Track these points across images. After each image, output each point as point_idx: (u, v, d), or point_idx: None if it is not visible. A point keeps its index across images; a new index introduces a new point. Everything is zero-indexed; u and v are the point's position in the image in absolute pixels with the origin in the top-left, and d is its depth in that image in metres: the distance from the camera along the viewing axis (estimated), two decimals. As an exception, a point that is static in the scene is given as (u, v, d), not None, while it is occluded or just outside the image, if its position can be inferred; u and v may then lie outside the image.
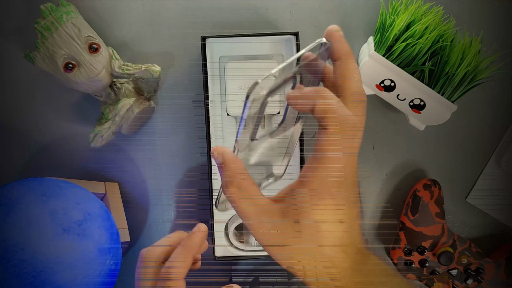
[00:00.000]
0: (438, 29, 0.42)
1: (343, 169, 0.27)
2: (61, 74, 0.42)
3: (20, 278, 0.32)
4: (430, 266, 0.48)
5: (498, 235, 0.52)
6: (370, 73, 0.44)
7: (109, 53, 0.44)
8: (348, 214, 0.28)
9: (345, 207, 0.28)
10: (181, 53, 0.50)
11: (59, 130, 0.50)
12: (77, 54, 0.41)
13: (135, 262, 0.35)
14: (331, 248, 0.28)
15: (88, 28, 0.43)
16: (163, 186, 0.50)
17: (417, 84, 0.43)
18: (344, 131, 0.27)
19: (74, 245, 0.34)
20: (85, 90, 0.44)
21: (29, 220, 0.34)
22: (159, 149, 0.50)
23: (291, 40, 0.46)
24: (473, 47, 0.42)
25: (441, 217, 0.48)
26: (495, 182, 0.51)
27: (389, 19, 0.43)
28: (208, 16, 0.49)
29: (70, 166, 0.50)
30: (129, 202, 0.50)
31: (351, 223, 0.29)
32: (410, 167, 0.51)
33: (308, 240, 0.28)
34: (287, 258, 0.28)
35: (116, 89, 0.45)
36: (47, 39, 0.41)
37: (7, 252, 0.32)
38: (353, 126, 0.27)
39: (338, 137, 0.27)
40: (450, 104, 0.44)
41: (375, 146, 0.51)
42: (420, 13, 0.43)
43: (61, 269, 0.33)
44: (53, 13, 0.41)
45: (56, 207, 0.35)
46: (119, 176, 0.50)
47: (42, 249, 0.33)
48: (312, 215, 0.27)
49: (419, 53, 0.43)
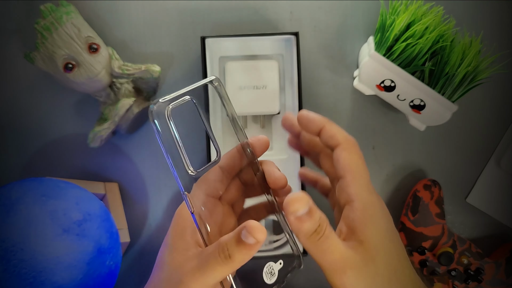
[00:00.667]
0: (438, 29, 0.42)
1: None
2: (61, 75, 0.42)
3: (20, 278, 0.32)
4: (430, 266, 0.48)
5: (498, 235, 0.52)
6: (370, 73, 0.44)
7: (109, 53, 0.44)
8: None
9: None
10: (181, 53, 0.49)
11: (59, 130, 0.50)
12: (77, 54, 0.41)
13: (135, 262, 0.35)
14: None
15: (88, 28, 0.43)
16: (163, 186, 0.50)
17: (417, 84, 0.43)
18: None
19: (74, 245, 0.34)
20: (85, 90, 0.44)
21: (29, 220, 0.34)
22: (159, 149, 0.50)
23: (291, 40, 0.46)
24: (473, 47, 0.42)
25: (441, 218, 0.48)
26: (495, 183, 0.51)
27: (389, 19, 0.43)
28: (208, 16, 0.49)
29: (70, 166, 0.50)
30: (129, 202, 0.50)
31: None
32: (410, 168, 0.51)
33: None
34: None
35: (115, 89, 0.45)
36: (47, 39, 0.41)
37: (7, 252, 0.32)
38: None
39: (356, 150, 0.30)
40: (450, 104, 0.44)
41: (375, 147, 0.51)
42: (420, 13, 0.43)
43: (61, 269, 0.33)
44: (53, 13, 0.41)
45: (56, 207, 0.35)
46: (119, 176, 0.50)
47: (42, 249, 0.33)
48: None
49: (419, 53, 0.43)
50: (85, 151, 0.49)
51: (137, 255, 0.50)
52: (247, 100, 0.46)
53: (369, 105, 0.50)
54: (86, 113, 0.49)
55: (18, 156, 0.50)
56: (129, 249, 0.50)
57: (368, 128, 0.50)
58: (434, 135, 0.51)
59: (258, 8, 0.49)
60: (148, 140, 0.50)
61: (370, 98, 0.50)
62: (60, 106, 0.49)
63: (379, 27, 0.44)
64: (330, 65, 0.50)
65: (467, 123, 0.51)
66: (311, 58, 0.50)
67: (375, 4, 0.49)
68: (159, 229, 0.51)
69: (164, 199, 0.50)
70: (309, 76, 0.50)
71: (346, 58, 0.50)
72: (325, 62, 0.50)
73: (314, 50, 0.50)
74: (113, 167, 0.50)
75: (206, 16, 0.49)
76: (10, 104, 0.49)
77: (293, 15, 0.50)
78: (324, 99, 0.50)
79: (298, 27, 0.50)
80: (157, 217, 0.50)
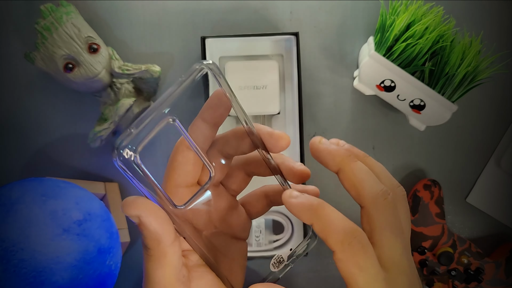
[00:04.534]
0: (438, 29, 0.42)
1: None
2: (61, 75, 0.42)
3: (20, 278, 0.32)
4: (430, 266, 0.48)
5: (498, 235, 0.52)
6: (370, 73, 0.44)
7: (109, 53, 0.44)
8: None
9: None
10: (181, 53, 0.49)
11: (59, 130, 0.50)
12: (77, 55, 0.41)
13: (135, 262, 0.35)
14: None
15: (88, 28, 0.43)
16: (163, 186, 0.50)
17: (417, 84, 0.43)
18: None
19: (74, 245, 0.34)
20: (85, 90, 0.44)
21: (29, 220, 0.34)
22: (159, 149, 0.50)
23: (291, 40, 0.46)
24: (473, 47, 0.42)
25: (441, 217, 0.48)
26: (495, 182, 0.51)
27: (389, 19, 0.43)
28: (208, 16, 0.49)
29: (70, 166, 0.50)
30: (129, 202, 0.50)
31: None
32: (410, 167, 0.51)
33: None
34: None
35: (116, 89, 0.45)
36: (47, 39, 0.41)
37: (7, 252, 0.32)
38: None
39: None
40: (450, 104, 0.44)
41: (375, 147, 0.51)
42: (420, 14, 0.43)
43: (61, 269, 0.33)
44: (53, 14, 0.41)
45: (56, 207, 0.35)
46: (119, 176, 0.50)
47: (42, 249, 0.33)
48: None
49: (419, 54, 0.43)
50: (85, 151, 0.49)
51: (137, 255, 0.50)
52: (247, 100, 0.46)
53: (369, 105, 0.50)
54: (86, 113, 0.49)
55: (18, 156, 0.50)
56: (129, 249, 0.50)
57: (368, 128, 0.50)
58: (434, 135, 0.51)
59: (258, 8, 0.49)
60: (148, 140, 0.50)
61: (370, 98, 0.50)
62: (60, 106, 0.49)
63: (379, 27, 0.44)
64: (330, 65, 0.50)
65: (467, 123, 0.51)
66: (311, 58, 0.50)
67: (375, 4, 0.49)
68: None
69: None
70: (309, 76, 0.50)
71: (346, 58, 0.50)
72: (325, 62, 0.50)
73: (314, 50, 0.50)
74: (113, 167, 0.50)
75: (206, 16, 0.49)
76: (10, 104, 0.49)
77: (293, 15, 0.50)
78: (324, 99, 0.50)
79: (298, 27, 0.50)
80: (157, 217, 0.50)
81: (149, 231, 0.22)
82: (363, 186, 0.23)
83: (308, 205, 0.23)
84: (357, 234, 0.22)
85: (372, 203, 0.23)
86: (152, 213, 0.23)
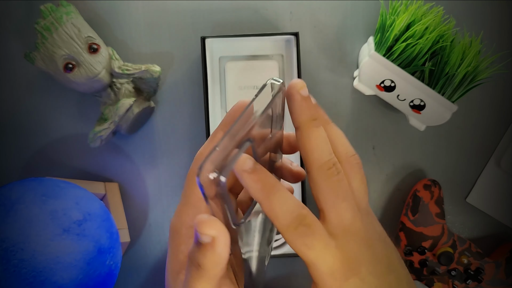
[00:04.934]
0: (438, 29, 0.42)
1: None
2: (61, 75, 0.42)
3: (20, 278, 0.32)
4: (430, 266, 0.48)
5: (498, 235, 0.52)
6: (370, 73, 0.44)
7: (109, 53, 0.44)
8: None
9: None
10: (181, 53, 0.50)
11: (59, 130, 0.50)
12: (77, 55, 0.41)
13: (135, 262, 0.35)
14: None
15: (88, 28, 0.43)
16: (163, 186, 0.50)
17: (417, 84, 0.43)
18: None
19: (74, 245, 0.34)
20: (85, 90, 0.44)
21: (29, 220, 0.34)
22: (159, 149, 0.50)
23: (291, 40, 0.46)
24: (473, 47, 0.42)
25: (441, 217, 0.48)
26: (495, 183, 0.51)
27: (389, 19, 0.43)
28: (208, 16, 0.49)
29: (70, 166, 0.50)
30: (129, 202, 0.50)
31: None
32: (410, 168, 0.51)
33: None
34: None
35: (116, 89, 0.45)
36: (47, 39, 0.41)
37: (7, 252, 0.32)
38: None
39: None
40: (450, 104, 0.44)
41: (375, 147, 0.51)
42: (420, 14, 0.43)
43: (61, 269, 0.33)
44: (53, 14, 0.41)
45: (56, 207, 0.35)
46: (119, 176, 0.50)
47: (42, 249, 0.33)
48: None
49: (419, 54, 0.43)
50: (85, 151, 0.49)
51: (137, 255, 0.50)
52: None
53: (369, 105, 0.50)
54: (86, 113, 0.49)
55: (18, 156, 0.50)
56: (129, 249, 0.50)
57: (368, 128, 0.50)
58: (434, 135, 0.51)
59: (258, 8, 0.49)
60: (148, 140, 0.50)
61: (370, 98, 0.50)
62: (60, 106, 0.49)
63: (379, 27, 0.44)
64: (330, 65, 0.50)
65: (467, 123, 0.51)
66: (311, 58, 0.50)
67: (375, 4, 0.49)
68: (159, 229, 0.51)
69: (164, 199, 0.50)
70: (309, 76, 0.50)
71: (346, 58, 0.50)
72: (325, 62, 0.50)
73: (314, 50, 0.50)
74: (113, 167, 0.50)
75: (206, 16, 0.49)
76: (10, 104, 0.49)
77: (293, 15, 0.50)
78: (324, 99, 0.50)
79: (298, 27, 0.50)
80: (157, 217, 0.50)
81: (214, 253, 0.22)
82: (313, 153, 0.24)
83: (261, 185, 0.23)
84: (303, 218, 0.23)
85: (316, 171, 0.24)
86: (225, 236, 0.22)
